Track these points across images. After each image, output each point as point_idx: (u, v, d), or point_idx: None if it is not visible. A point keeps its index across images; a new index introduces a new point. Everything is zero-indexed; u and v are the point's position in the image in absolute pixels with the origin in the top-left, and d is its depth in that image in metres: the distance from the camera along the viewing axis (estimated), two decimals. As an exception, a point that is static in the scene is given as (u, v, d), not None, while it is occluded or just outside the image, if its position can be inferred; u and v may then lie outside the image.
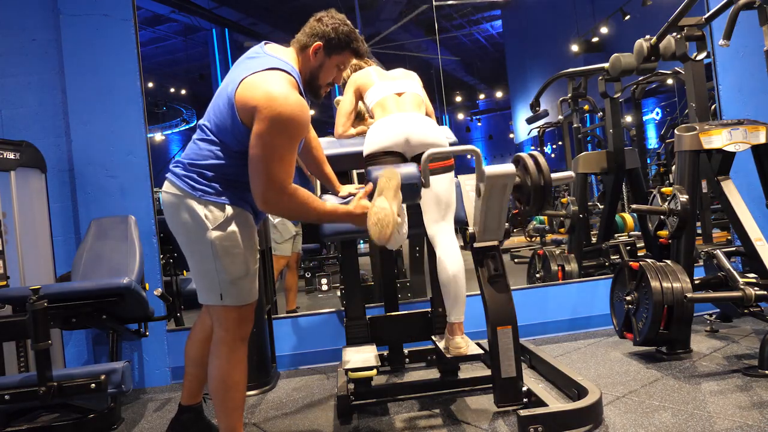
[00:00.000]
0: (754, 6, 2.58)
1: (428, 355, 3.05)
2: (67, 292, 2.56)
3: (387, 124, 2.37)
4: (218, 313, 1.86)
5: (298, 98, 1.69)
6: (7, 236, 2.77)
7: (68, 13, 3.33)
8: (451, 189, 2.40)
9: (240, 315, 1.87)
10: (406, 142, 2.33)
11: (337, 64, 1.86)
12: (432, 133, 2.36)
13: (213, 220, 1.77)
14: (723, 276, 2.86)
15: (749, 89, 3.66)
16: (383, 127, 2.37)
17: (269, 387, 3.03)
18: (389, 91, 2.49)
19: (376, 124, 2.42)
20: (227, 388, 1.86)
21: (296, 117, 1.66)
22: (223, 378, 1.85)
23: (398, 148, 2.34)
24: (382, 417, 2.45)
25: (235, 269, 1.80)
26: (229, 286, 1.81)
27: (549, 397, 2.21)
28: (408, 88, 2.52)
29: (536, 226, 8.41)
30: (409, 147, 2.34)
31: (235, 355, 1.87)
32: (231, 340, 1.86)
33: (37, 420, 2.63)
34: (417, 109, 2.46)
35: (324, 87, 1.89)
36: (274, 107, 1.64)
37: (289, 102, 1.66)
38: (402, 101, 2.47)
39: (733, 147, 2.80)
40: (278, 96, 1.65)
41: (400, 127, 2.34)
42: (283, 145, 1.68)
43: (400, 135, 2.33)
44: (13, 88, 3.33)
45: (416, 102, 2.49)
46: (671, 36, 3.02)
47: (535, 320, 3.45)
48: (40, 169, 3.10)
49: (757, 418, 2.03)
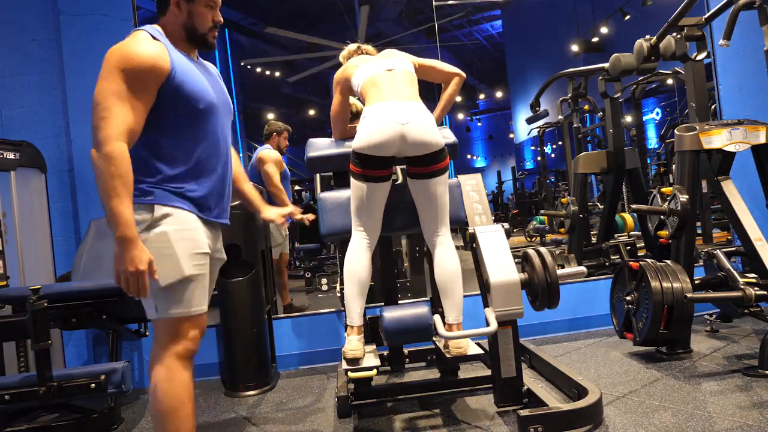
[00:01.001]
0: (754, 6, 2.58)
1: (428, 355, 3.05)
2: (67, 292, 2.56)
3: (382, 114, 2.20)
4: (155, 327, 1.68)
5: (138, 43, 1.62)
6: (7, 236, 2.77)
7: (68, 13, 3.33)
8: (444, 191, 2.32)
9: (175, 329, 1.66)
10: (402, 140, 2.17)
11: (205, 5, 1.73)
12: (430, 133, 2.22)
13: (142, 222, 1.61)
14: (723, 276, 2.86)
15: (749, 89, 3.66)
16: (377, 116, 2.20)
17: (269, 387, 3.03)
18: (377, 69, 2.36)
19: (367, 113, 2.26)
20: (162, 416, 1.62)
21: (127, 58, 1.59)
22: (158, 402, 1.62)
23: (392, 148, 2.20)
24: (382, 417, 2.45)
25: (167, 272, 1.60)
26: (162, 293, 1.62)
27: (549, 397, 2.21)
28: (397, 65, 2.38)
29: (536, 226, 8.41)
30: (404, 145, 2.19)
31: (172, 374, 1.63)
32: (166, 356, 1.65)
33: (37, 420, 2.62)
34: (411, 91, 2.31)
35: (209, 33, 1.78)
36: (108, 54, 1.63)
37: (121, 46, 1.62)
38: (393, 78, 2.32)
39: (733, 147, 2.80)
40: (116, 46, 1.63)
41: (396, 121, 2.17)
42: (112, 91, 1.61)
43: (395, 130, 2.16)
44: (13, 88, 3.33)
45: (408, 80, 2.35)
46: (671, 36, 3.02)
47: (535, 320, 3.45)
48: (40, 169, 3.10)
49: (757, 418, 2.03)
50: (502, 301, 2.14)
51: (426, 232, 2.37)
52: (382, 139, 2.17)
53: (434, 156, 2.23)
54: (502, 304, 2.14)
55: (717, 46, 3.65)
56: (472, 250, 2.38)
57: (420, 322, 2.25)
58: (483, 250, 2.24)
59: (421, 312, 2.26)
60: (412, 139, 2.18)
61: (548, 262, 2.20)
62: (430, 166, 2.24)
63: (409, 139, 2.18)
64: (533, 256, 2.24)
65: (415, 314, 2.26)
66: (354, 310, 2.28)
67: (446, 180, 2.33)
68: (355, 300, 2.29)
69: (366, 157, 2.21)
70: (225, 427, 2.54)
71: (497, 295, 2.14)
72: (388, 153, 2.21)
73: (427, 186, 2.28)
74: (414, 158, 2.24)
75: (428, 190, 2.29)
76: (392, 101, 2.23)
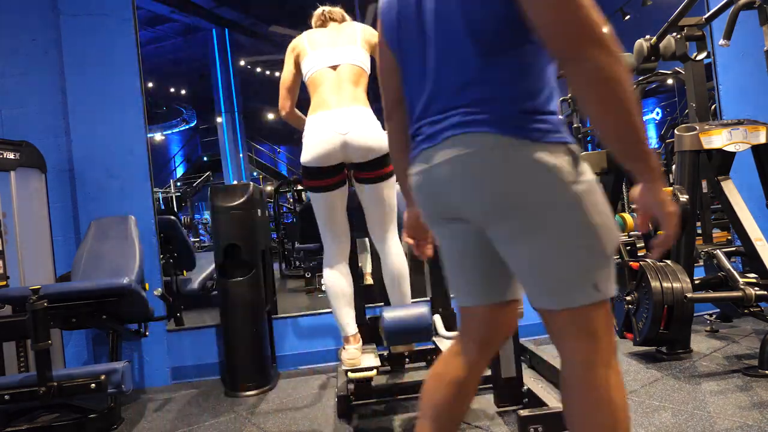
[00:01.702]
0: (754, 6, 2.58)
1: (428, 355, 3.05)
2: (67, 292, 2.56)
3: (322, 125, 2.20)
4: (585, 316, 1.12)
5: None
6: (7, 236, 2.77)
7: (68, 13, 3.33)
8: (391, 195, 2.36)
9: (610, 312, 1.17)
10: (343, 147, 2.19)
11: None
12: (372, 139, 2.21)
13: (569, 169, 1.06)
14: (723, 276, 2.86)
15: (749, 89, 3.66)
16: (318, 128, 2.21)
17: (269, 387, 3.03)
18: (322, 64, 2.30)
19: (309, 124, 2.26)
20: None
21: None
22: (616, 422, 1.10)
23: (335, 157, 2.21)
24: (382, 417, 2.45)
25: (611, 236, 1.11)
26: (607, 263, 1.12)
27: (549, 397, 2.21)
28: (343, 58, 2.30)
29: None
30: (347, 153, 2.21)
31: (619, 379, 1.13)
32: (610, 356, 1.13)
33: (37, 420, 2.63)
34: (353, 93, 2.26)
35: None
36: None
37: None
38: (337, 79, 2.27)
39: (733, 147, 2.80)
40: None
41: (336, 131, 2.18)
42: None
43: (336, 141, 2.17)
44: (13, 88, 3.33)
45: (353, 78, 2.28)
46: (671, 36, 3.01)
47: (535, 320, 3.43)
48: (40, 169, 3.10)
49: (757, 418, 2.03)
50: None
51: (374, 234, 2.44)
52: (325, 150, 2.20)
53: (378, 161, 2.26)
54: None
55: (717, 46, 3.65)
56: None
57: (420, 322, 2.25)
58: None
59: (421, 312, 2.27)
60: (354, 147, 2.21)
61: None
62: (374, 171, 2.28)
63: (351, 148, 2.21)
64: None
65: (415, 314, 2.26)
66: (345, 322, 2.34)
67: (393, 183, 2.36)
68: (343, 312, 2.34)
69: (312, 169, 2.26)
70: (225, 427, 2.54)
71: None
72: (333, 162, 2.24)
73: (373, 190, 2.33)
74: (360, 164, 2.27)
75: (375, 195, 2.34)
76: (333, 109, 2.23)
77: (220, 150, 15.42)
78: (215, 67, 15.10)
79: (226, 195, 3.10)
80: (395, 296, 2.45)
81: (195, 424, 2.62)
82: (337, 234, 2.39)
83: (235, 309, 3.03)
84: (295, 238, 7.26)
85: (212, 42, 15.07)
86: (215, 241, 3.14)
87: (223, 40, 15.04)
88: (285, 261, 7.75)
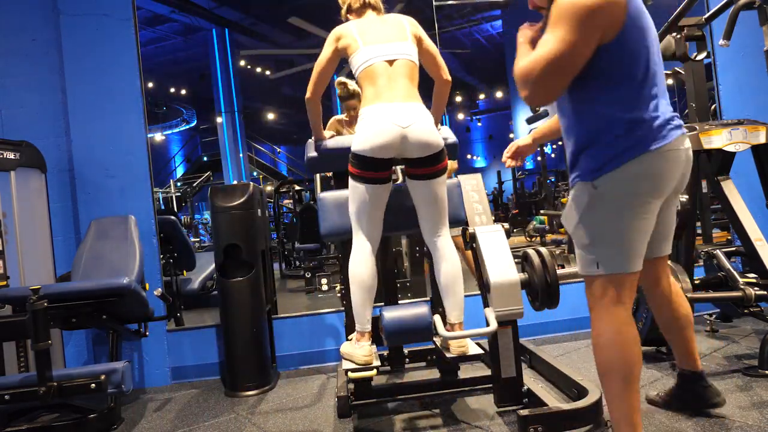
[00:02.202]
0: (754, 6, 2.58)
1: (428, 355, 3.05)
2: (67, 292, 2.56)
3: (381, 116, 2.19)
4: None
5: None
6: (7, 236, 2.77)
7: (68, 13, 3.33)
8: (444, 192, 2.33)
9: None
10: (402, 141, 2.17)
11: None
12: (431, 135, 2.23)
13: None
14: (723, 276, 2.86)
15: (749, 89, 3.66)
16: (377, 118, 2.19)
17: (269, 387, 3.03)
18: (379, 58, 2.28)
19: (367, 114, 2.24)
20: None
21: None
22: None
23: (392, 150, 2.20)
24: (382, 417, 2.45)
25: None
26: None
27: (549, 397, 2.21)
28: (399, 52, 2.30)
29: (536, 226, 8.42)
30: (405, 147, 2.20)
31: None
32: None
33: (37, 420, 2.63)
34: (410, 89, 2.27)
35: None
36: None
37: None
38: (393, 74, 2.27)
39: (733, 147, 2.79)
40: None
41: (395, 123, 2.17)
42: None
43: (396, 133, 2.17)
44: (13, 88, 3.34)
45: (409, 74, 2.29)
46: (671, 36, 3.01)
47: (535, 320, 3.45)
48: (40, 169, 3.10)
49: (757, 418, 2.03)
50: (502, 301, 2.14)
51: (426, 233, 2.37)
52: (383, 141, 2.16)
53: (435, 157, 2.23)
54: (502, 304, 2.14)
55: (717, 46, 3.65)
56: (472, 250, 2.38)
57: (420, 322, 2.25)
58: (483, 250, 2.24)
59: (421, 312, 2.26)
60: (413, 141, 2.18)
61: (548, 262, 2.20)
62: (431, 167, 2.25)
63: (410, 141, 2.18)
64: (533, 256, 2.24)
65: (415, 314, 2.26)
66: (364, 317, 2.27)
67: (445, 180, 2.33)
68: (364, 306, 2.27)
69: (366, 158, 2.20)
70: (225, 427, 2.54)
71: (497, 295, 2.14)
72: (388, 155, 2.20)
73: (427, 187, 2.28)
74: (414, 159, 2.24)
75: (429, 191, 2.29)
76: (391, 103, 2.22)
77: (220, 150, 15.42)
78: (215, 67, 15.10)
79: (226, 195, 3.10)
80: (449, 300, 2.31)
81: (195, 424, 2.62)
82: (372, 228, 2.31)
83: (235, 309, 3.03)
84: (295, 238, 7.26)
85: (212, 42, 15.08)
86: (215, 241, 3.14)
87: (223, 40, 15.04)
88: (285, 261, 7.75)
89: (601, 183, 1.67)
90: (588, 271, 1.74)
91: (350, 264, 2.31)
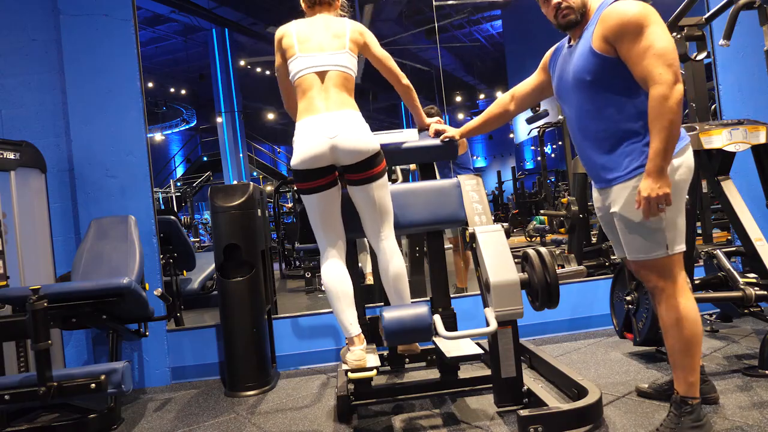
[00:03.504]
0: (754, 6, 2.58)
1: (428, 355, 3.05)
2: (67, 292, 2.56)
3: (311, 129, 2.25)
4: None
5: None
6: (7, 236, 2.76)
7: (68, 13, 3.33)
8: (383, 195, 2.38)
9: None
10: (332, 150, 2.22)
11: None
12: (360, 141, 2.25)
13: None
14: (723, 276, 2.86)
15: (749, 89, 3.66)
16: (307, 132, 2.25)
17: (269, 387, 3.03)
18: (309, 69, 2.31)
19: (298, 129, 2.30)
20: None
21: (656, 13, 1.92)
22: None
23: (325, 159, 2.24)
24: (382, 417, 2.45)
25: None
26: None
27: (549, 397, 2.21)
28: (332, 63, 2.32)
29: (536, 226, 8.41)
30: (336, 156, 2.25)
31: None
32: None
33: (37, 420, 2.63)
34: (341, 97, 2.29)
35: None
36: (643, 11, 1.88)
37: (643, 5, 1.89)
38: (325, 86, 2.29)
39: (733, 147, 2.79)
40: (639, 7, 1.88)
41: (324, 135, 2.22)
42: (670, 39, 1.91)
43: (325, 145, 2.21)
44: (13, 88, 3.34)
45: (340, 82, 2.31)
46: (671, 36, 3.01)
47: (535, 320, 3.45)
48: (40, 169, 3.10)
49: (757, 418, 2.03)
50: (502, 301, 2.14)
51: (370, 236, 2.45)
52: (314, 153, 2.23)
53: (367, 162, 2.29)
54: (502, 304, 2.14)
55: (717, 46, 3.65)
56: (472, 250, 2.38)
57: (420, 322, 2.25)
58: (483, 250, 2.24)
59: (421, 312, 2.26)
60: (343, 150, 2.24)
61: (548, 262, 2.20)
62: (365, 172, 2.30)
63: (340, 150, 2.24)
64: (533, 256, 2.24)
65: (415, 314, 2.26)
66: (347, 323, 2.33)
67: (385, 183, 2.39)
68: (345, 313, 2.34)
69: (303, 171, 2.28)
70: (225, 427, 2.54)
71: (497, 295, 2.14)
72: (322, 165, 2.27)
73: (365, 191, 2.34)
74: (349, 166, 2.30)
75: (366, 195, 2.35)
76: (321, 114, 2.26)
77: (220, 150, 15.43)
78: (215, 67, 15.10)
79: (226, 195, 3.10)
80: (394, 297, 2.46)
81: (195, 424, 2.62)
82: (331, 235, 2.40)
83: (235, 309, 3.03)
84: (295, 238, 7.26)
85: (212, 42, 15.08)
86: (215, 241, 3.14)
87: (223, 40, 15.04)
88: (285, 261, 7.75)
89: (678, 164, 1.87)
90: (656, 254, 1.88)
91: (322, 277, 2.39)
